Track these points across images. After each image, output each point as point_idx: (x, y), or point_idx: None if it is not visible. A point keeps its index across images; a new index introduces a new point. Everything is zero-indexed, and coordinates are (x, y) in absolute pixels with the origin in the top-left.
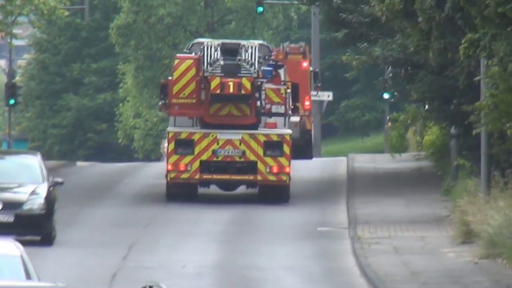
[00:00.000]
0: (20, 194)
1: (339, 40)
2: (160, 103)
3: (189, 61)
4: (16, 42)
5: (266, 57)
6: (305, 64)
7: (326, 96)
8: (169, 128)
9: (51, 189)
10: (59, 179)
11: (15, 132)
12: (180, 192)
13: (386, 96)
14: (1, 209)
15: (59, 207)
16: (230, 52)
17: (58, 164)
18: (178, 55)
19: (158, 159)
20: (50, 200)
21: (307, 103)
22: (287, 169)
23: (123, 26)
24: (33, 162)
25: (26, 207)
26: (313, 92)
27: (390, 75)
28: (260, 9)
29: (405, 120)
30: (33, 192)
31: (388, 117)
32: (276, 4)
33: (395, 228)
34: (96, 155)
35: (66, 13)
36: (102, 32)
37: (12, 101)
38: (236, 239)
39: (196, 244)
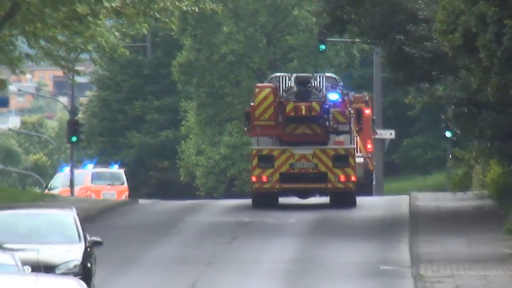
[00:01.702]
0: (52, 257)
1: (400, 79)
2: (245, 128)
3: (268, 89)
4: (78, 79)
5: (333, 86)
6: (367, 111)
7: (388, 134)
8: (252, 147)
9: (88, 250)
10: (98, 239)
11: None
12: (264, 201)
13: (448, 134)
14: None
15: (119, 245)
16: (302, 83)
17: (120, 201)
18: (258, 84)
19: (222, 197)
20: (86, 263)
21: (369, 146)
22: (353, 178)
23: (185, 63)
24: (67, 219)
25: (59, 271)
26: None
27: (452, 114)
28: (323, 47)
29: (469, 158)
30: (67, 254)
31: (450, 155)
32: (339, 42)
33: (457, 267)
34: (158, 192)
35: (127, 52)
36: (164, 69)
37: (74, 139)
38: (298, 277)
39: (258, 282)
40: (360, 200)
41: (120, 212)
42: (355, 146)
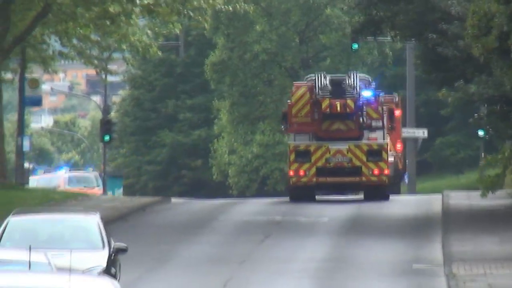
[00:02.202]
0: (75, 263)
1: (434, 79)
2: (282, 127)
3: (304, 88)
4: (111, 78)
5: (367, 86)
6: (397, 112)
7: (421, 133)
8: (290, 142)
9: (112, 257)
10: (123, 245)
11: (110, 168)
12: (301, 194)
13: (481, 133)
14: None
15: (151, 244)
16: (336, 82)
17: (152, 200)
18: (295, 83)
19: (255, 196)
20: (111, 270)
21: (398, 146)
22: (386, 171)
23: (218, 62)
24: (91, 224)
25: None
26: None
27: (485, 112)
28: (355, 45)
29: (502, 158)
30: (91, 260)
31: (482, 155)
32: (371, 40)
33: (490, 266)
34: (191, 191)
35: (160, 52)
36: (197, 68)
37: (107, 138)
38: (330, 276)
39: (290, 281)
40: (393, 198)
41: (152, 211)
42: (388, 141)
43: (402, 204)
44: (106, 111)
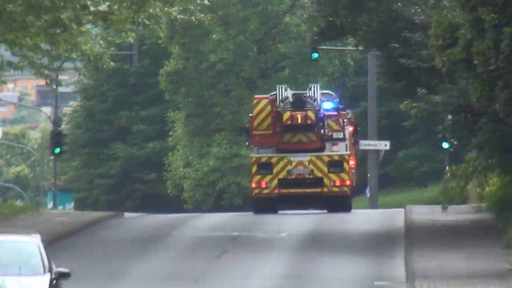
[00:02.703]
0: None
1: (397, 89)
2: (246, 143)
3: (265, 100)
4: (61, 89)
5: (329, 99)
6: (350, 129)
7: (383, 145)
8: (252, 154)
9: (54, 283)
10: (65, 270)
11: (61, 182)
12: (264, 206)
13: (445, 145)
14: None
15: (103, 260)
16: (297, 97)
17: (105, 215)
18: (256, 96)
19: (210, 211)
20: None
21: (352, 162)
22: (347, 182)
23: (173, 72)
24: (31, 247)
25: None
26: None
27: (450, 122)
28: (315, 55)
29: (465, 172)
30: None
31: (447, 167)
32: (332, 50)
33: (454, 283)
34: (144, 206)
35: (112, 63)
36: (151, 78)
37: (57, 150)
38: None
39: None
40: (354, 212)
41: (104, 226)
42: (349, 152)
43: (363, 219)
44: (57, 123)
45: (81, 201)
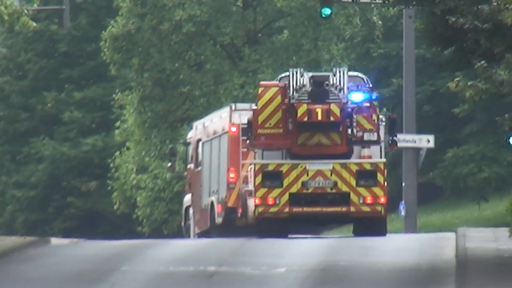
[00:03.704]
0: None
1: (445, 61)
2: (247, 141)
3: (275, 89)
4: None
5: (360, 87)
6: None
7: (425, 141)
8: (255, 161)
9: None
10: None
11: None
12: (270, 229)
13: None
14: None
15: None
16: (317, 84)
17: (23, 241)
18: (262, 82)
19: (175, 235)
20: None
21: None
22: (382, 199)
23: (121, 36)
24: None
25: None
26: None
27: None
28: (327, 11)
29: None
30: None
31: None
32: (351, 3)
33: None
34: (81, 228)
35: (34, 24)
36: (89, 45)
37: None
38: None
39: None
40: (382, 239)
41: (22, 257)
42: (384, 160)
43: (396, 247)
44: None
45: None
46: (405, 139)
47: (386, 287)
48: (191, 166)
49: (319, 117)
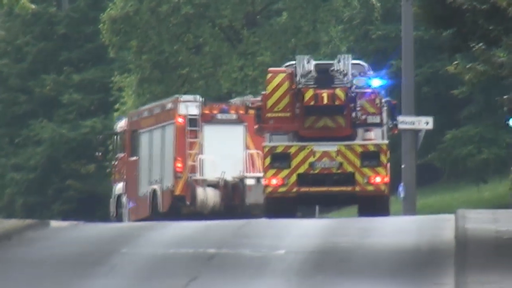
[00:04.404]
0: None
1: (444, 43)
2: (256, 127)
3: (282, 75)
4: None
5: (362, 74)
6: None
7: (424, 123)
8: (264, 143)
9: None
10: None
11: None
12: (279, 209)
13: None
14: None
15: None
16: (323, 70)
17: (22, 224)
18: (270, 69)
19: (175, 216)
20: None
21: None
22: (386, 179)
23: (120, 18)
24: None
25: None
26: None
27: None
28: None
29: None
30: None
31: None
32: None
33: None
34: (80, 210)
35: (32, 6)
36: (88, 27)
37: None
38: None
39: None
40: (381, 221)
41: (21, 240)
42: (387, 141)
43: (396, 229)
44: None
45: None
46: (404, 121)
47: (385, 268)
48: (122, 155)
49: (325, 101)
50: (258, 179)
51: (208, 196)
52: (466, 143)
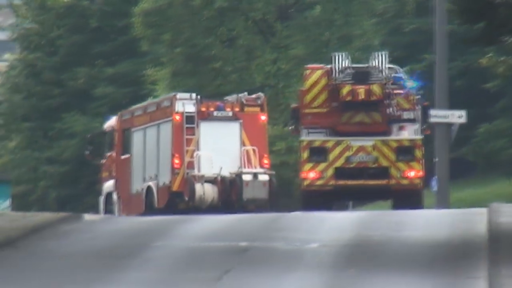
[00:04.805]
0: None
1: (476, 36)
2: (290, 128)
3: (320, 71)
4: None
5: (396, 78)
6: (263, 117)
7: (457, 117)
8: (302, 137)
9: None
10: None
11: None
12: (316, 201)
13: None
14: None
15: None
16: (359, 69)
17: (55, 217)
18: (308, 66)
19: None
20: None
21: (266, 161)
22: (420, 173)
23: (153, 11)
24: None
25: None
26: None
27: None
28: None
29: None
30: None
31: None
32: None
33: None
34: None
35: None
36: (121, 20)
37: None
38: None
39: None
40: (415, 215)
41: (54, 233)
42: (422, 137)
43: (429, 223)
44: None
45: (21, 197)
46: (437, 115)
47: (418, 262)
48: (111, 154)
49: (362, 97)
50: (255, 175)
51: (206, 191)
52: (499, 137)
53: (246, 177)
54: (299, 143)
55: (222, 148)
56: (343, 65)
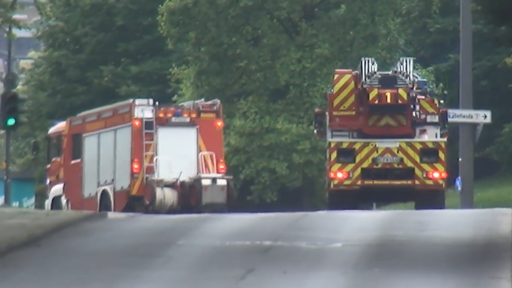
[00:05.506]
0: None
1: (502, 36)
2: (315, 131)
3: (348, 75)
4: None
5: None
6: (219, 123)
7: (482, 117)
8: (330, 139)
9: None
10: None
11: (17, 167)
12: (343, 201)
13: None
14: None
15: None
16: (386, 75)
17: (79, 216)
18: (337, 70)
19: (230, 208)
20: None
21: (222, 166)
22: (443, 174)
23: (179, 10)
24: None
25: None
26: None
27: None
28: None
29: None
30: None
31: None
32: None
33: None
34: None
35: None
36: (146, 19)
37: (11, 121)
38: None
39: None
40: (439, 215)
41: (79, 231)
42: (445, 139)
43: (453, 223)
44: (11, 82)
45: (45, 195)
46: (462, 115)
47: (442, 262)
48: (57, 158)
49: (389, 100)
50: (213, 180)
51: (166, 196)
52: None
53: (205, 182)
54: (327, 145)
55: (179, 153)
56: (371, 70)
